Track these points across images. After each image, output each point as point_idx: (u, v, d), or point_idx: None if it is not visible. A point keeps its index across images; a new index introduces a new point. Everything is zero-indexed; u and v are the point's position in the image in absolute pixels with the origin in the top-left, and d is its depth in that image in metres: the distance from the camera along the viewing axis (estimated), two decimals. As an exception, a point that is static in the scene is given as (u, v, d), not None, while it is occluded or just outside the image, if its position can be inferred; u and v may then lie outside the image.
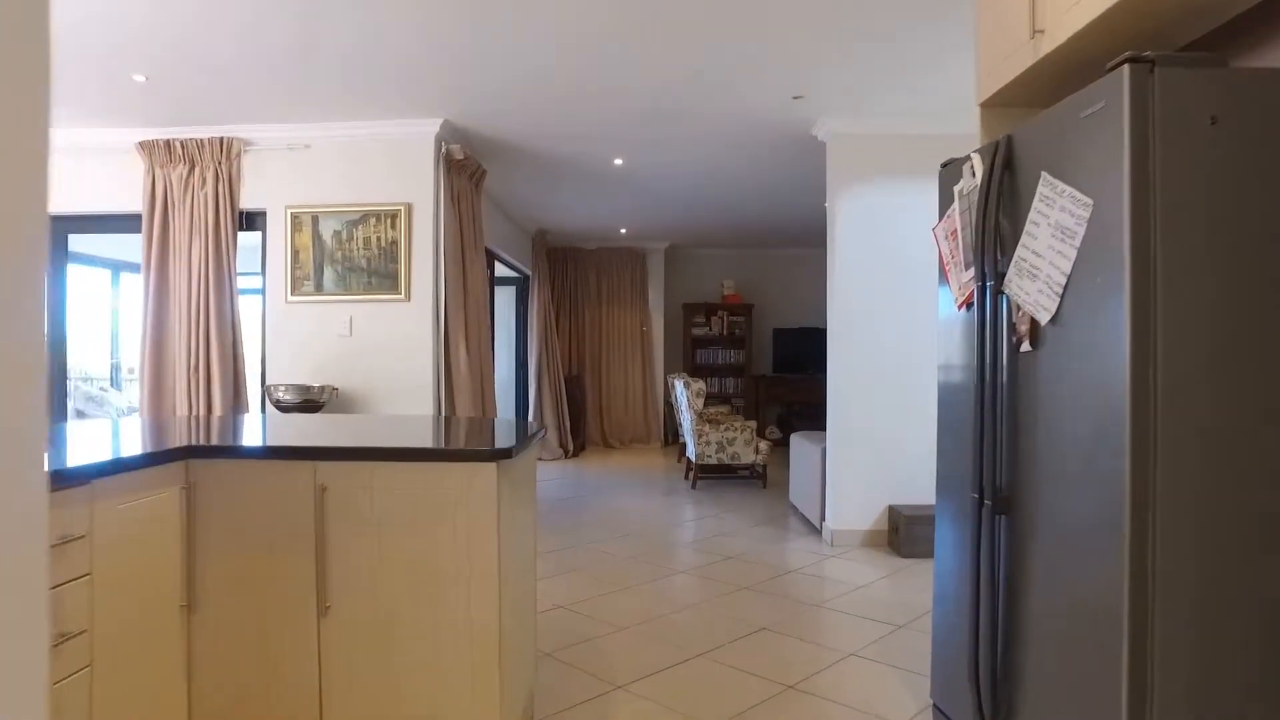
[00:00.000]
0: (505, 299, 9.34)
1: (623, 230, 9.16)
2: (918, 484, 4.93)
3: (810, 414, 10.18)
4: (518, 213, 7.99)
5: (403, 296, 4.98)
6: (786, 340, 10.32)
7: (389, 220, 4.98)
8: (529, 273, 9.08)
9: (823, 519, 5.16)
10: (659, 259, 10.21)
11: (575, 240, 9.84)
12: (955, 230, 2.26)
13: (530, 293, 9.06)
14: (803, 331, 10.31)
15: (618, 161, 5.92)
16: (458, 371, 5.08)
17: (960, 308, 2.28)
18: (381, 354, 5.00)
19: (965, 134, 4.85)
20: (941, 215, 2.39)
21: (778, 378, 10.25)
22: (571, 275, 10.10)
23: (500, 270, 8.57)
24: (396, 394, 5.00)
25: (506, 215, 8.00)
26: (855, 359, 4.92)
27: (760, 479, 7.20)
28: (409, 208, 4.98)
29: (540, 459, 8.84)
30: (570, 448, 9.05)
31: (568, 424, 9.08)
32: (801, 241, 9.96)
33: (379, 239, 4.98)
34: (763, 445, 7.09)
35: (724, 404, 10.16)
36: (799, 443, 5.89)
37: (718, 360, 10.42)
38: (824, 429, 8.13)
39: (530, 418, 8.93)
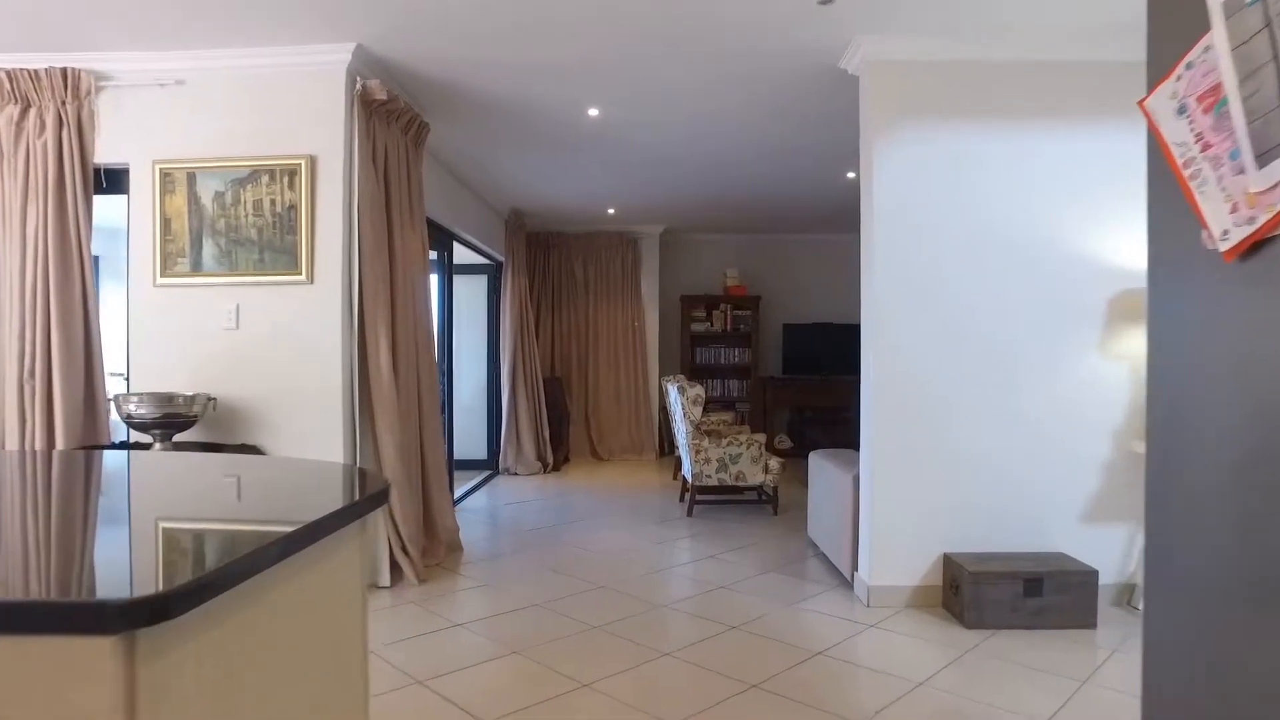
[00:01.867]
0: (474, 289, 8.15)
1: (610, 211, 7.97)
2: (987, 524, 3.73)
3: (825, 421, 8.99)
4: (486, 189, 6.80)
5: (304, 278, 3.79)
6: (798, 337, 9.12)
7: (286, 178, 3.79)
8: (502, 259, 7.88)
9: (854, 568, 3.96)
10: (653, 245, 9.01)
11: (556, 223, 8.65)
12: (1217, 88, 1.06)
13: (504, 282, 7.86)
14: (817, 328, 9.11)
15: (593, 112, 4.72)
16: (377, 376, 3.89)
17: (1233, 255, 1.08)
18: (276, 353, 3.82)
19: (1058, 61, 3.65)
20: (1167, 75, 1.19)
21: (788, 380, 9.05)
22: (553, 263, 8.91)
23: (466, 256, 7.38)
24: (296, 406, 3.81)
25: (474, 193, 6.81)
26: (900, 360, 3.73)
27: (770, 503, 6.00)
28: (312, 162, 3.79)
29: (515, 474, 7.65)
30: (550, 461, 7.86)
31: (546, 434, 7.89)
32: (816, 225, 8.75)
33: (274, 203, 3.80)
34: (773, 464, 5.89)
35: (727, 410, 8.97)
36: (821, 465, 4.69)
37: (720, 360, 9.22)
38: (846, 442, 6.95)
39: (503, 427, 7.75)
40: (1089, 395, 3.74)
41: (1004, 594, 3.40)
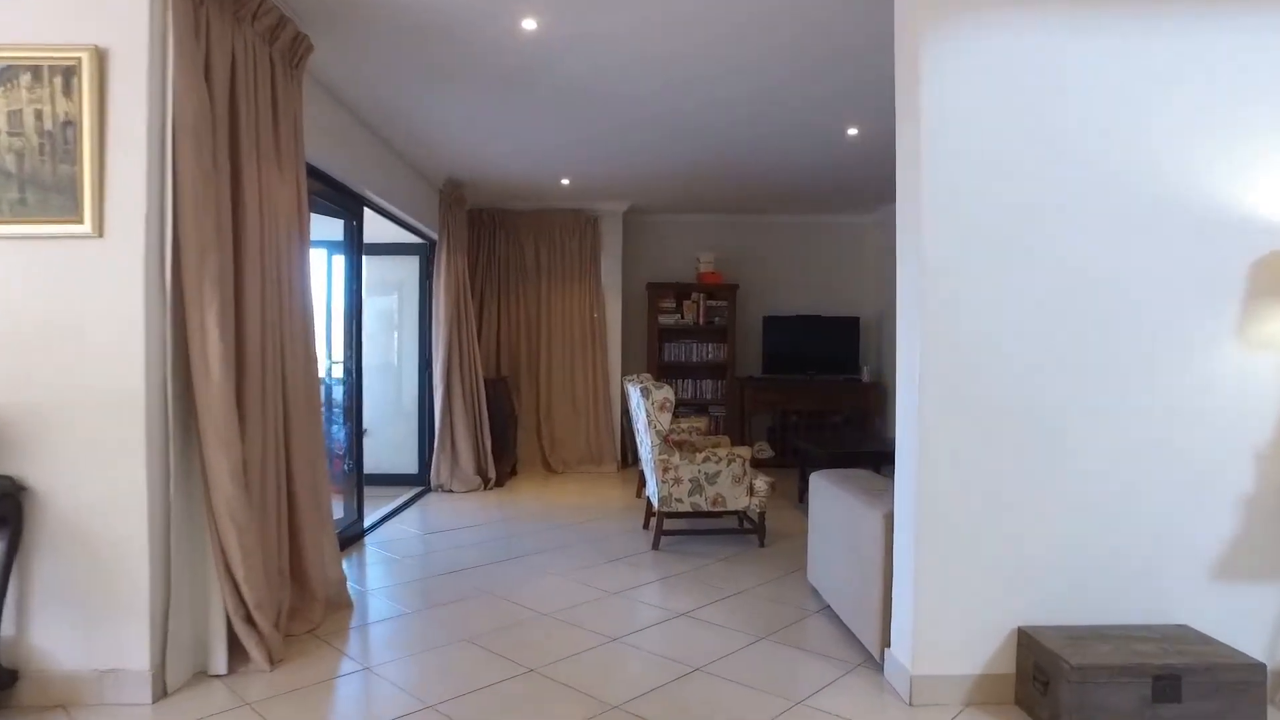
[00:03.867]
0: (401, 272, 6.91)
1: (565, 182, 6.78)
2: (1072, 580, 2.62)
3: (811, 426, 7.90)
4: (414, 151, 5.58)
5: (87, 228, 2.57)
6: (781, 332, 8.02)
7: (59, 81, 2.57)
8: (435, 237, 6.66)
9: (885, 642, 2.84)
10: (615, 225, 7.84)
11: (502, 198, 7.44)
12: None
13: (436, 265, 6.64)
14: (802, 321, 8.01)
15: (529, 25, 3.55)
16: (203, 374, 2.68)
17: None
18: (45, 337, 2.59)
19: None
20: None
21: (769, 380, 7.95)
22: (499, 245, 7.69)
23: (389, 232, 6.16)
24: (77, 416, 2.59)
25: (398, 154, 5.59)
26: (963, 355, 2.60)
27: (756, 532, 4.87)
28: (99, 58, 2.57)
29: (450, 491, 6.44)
30: (492, 476, 6.65)
31: (488, 443, 6.67)
32: (804, 204, 7.65)
33: (40, 116, 2.57)
34: (760, 484, 4.76)
35: (699, 414, 7.84)
36: (828, 491, 3.56)
37: (691, 357, 8.08)
38: (838, 451, 5.79)
39: (436, 436, 6.52)
40: (1222, 401, 2.65)
41: (1124, 700, 2.29)
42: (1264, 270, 2.62)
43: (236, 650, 2.84)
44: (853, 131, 5.10)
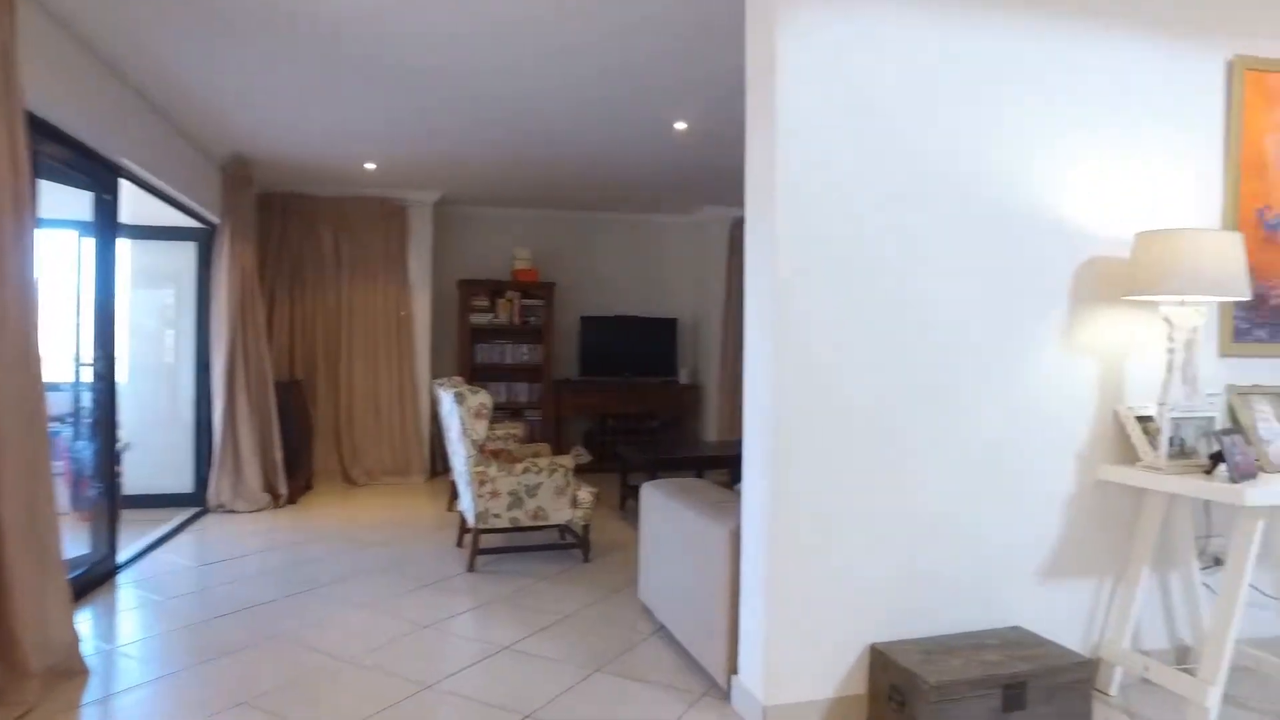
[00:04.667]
0: (180, 260, 5.99)
1: (370, 167, 6.17)
2: (919, 593, 2.55)
3: (630, 430, 7.76)
4: (187, 117, 4.78)
5: None
6: (599, 333, 7.80)
7: None
8: (216, 221, 5.82)
9: (732, 668, 2.64)
10: (425, 216, 7.27)
11: (298, 182, 6.68)
12: None
13: (217, 253, 5.81)
14: (621, 321, 7.85)
15: (328, -27, 3.04)
16: None
17: None
18: None
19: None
20: None
21: (586, 382, 7.70)
22: (293, 234, 6.90)
23: (168, 215, 5.29)
24: None
25: (167, 120, 4.77)
26: (812, 372, 2.44)
27: (580, 545, 4.58)
28: None
29: (233, 511, 5.64)
30: (283, 492, 5.90)
31: (279, 455, 5.92)
32: (626, 201, 7.48)
33: None
34: (584, 495, 4.48)
35: (514, 419, 7.46)
36: (662, 504, 3.34)
37: (505, 359, 7.67)
38: (666, 458, 5.63)
39: (215, 449, 5.69)
40: (1051, 405, 2.69)
41: (977, 713, 2.21)
42: (1083, 276, 2.69)
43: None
44: (680, 126, 4.95)
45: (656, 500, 3.45)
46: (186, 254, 6.00)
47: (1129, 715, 2.59)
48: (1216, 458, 2.56)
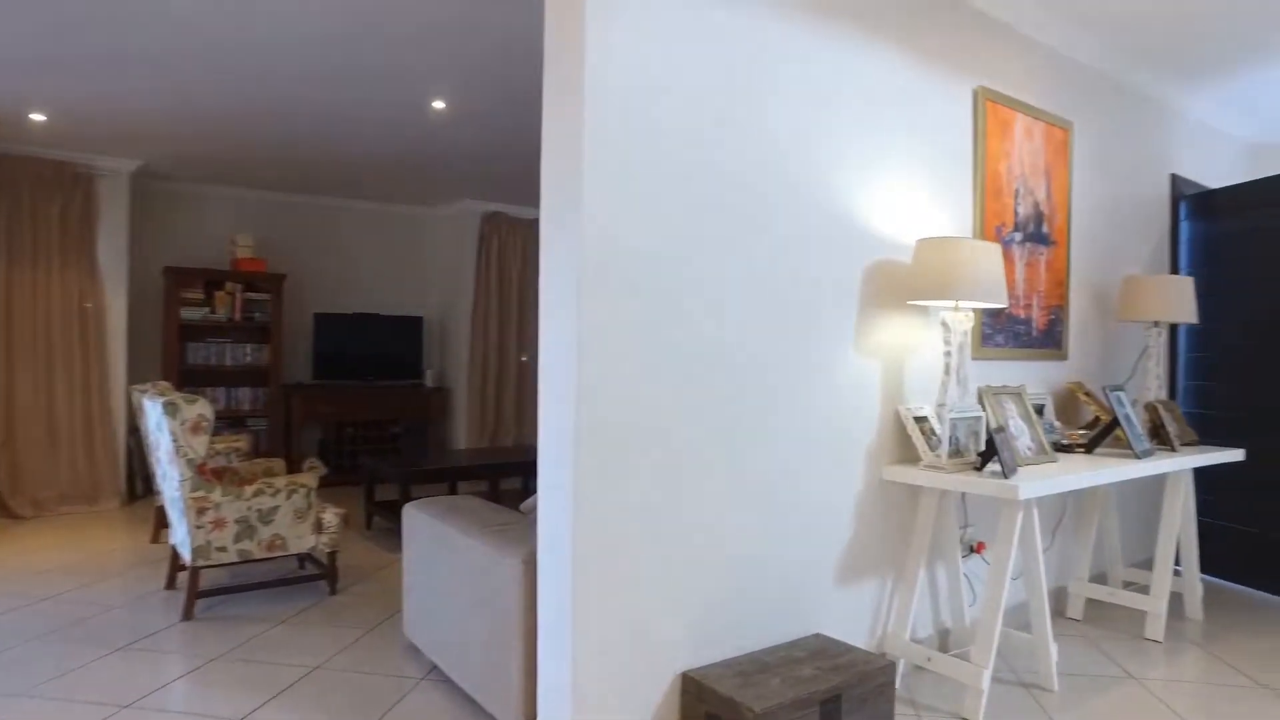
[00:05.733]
0: None
1: (38, 118, 4.97)
2: (728, 611, 2.40)
3: (371, 438, 7.09)
4: None
5: None
6: (335, 332, 7.03)
7: None
8: None
9: (530, 715, 2.31)
10: (121, 189, 6.04)
11: (-66, 135, 5.24)
12: None
13: None
14: (361, 320, 7.13)
15: None
16: None
17: None
18: None
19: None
20: None
21: (321, 386, 6.90)
22: (-73, 202, 5.41)
23: None
24: None
25: None
26: (610, 392, 2.17)
27: (326, 577, 3.97)
28: None
29: None
30: (-91, 533, 4.56)
31: (-97, 486, 4.57)
32: (368, 188, 6.78)
33: None
34: (329, 517, 3.89)
35: (236, 430, 6.48)
36: (428, 526, 2.92)
37: (225, 360, 6.65)
38: (418, 470, 5.00)
39: None
40: (846, 411, 2.67)
41: (800, 741, 2.09)
42: (869, 280, 2.71)
43: None
44: (439, 105, 4.50)
45: (422, 522, 3.02)
46: None
47: (913, 706, 2.65)
48: (984, 454, 2.69)
